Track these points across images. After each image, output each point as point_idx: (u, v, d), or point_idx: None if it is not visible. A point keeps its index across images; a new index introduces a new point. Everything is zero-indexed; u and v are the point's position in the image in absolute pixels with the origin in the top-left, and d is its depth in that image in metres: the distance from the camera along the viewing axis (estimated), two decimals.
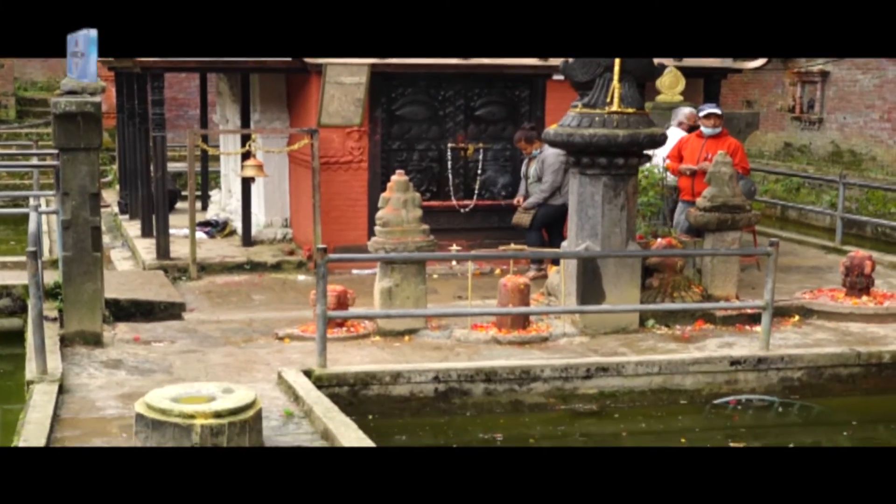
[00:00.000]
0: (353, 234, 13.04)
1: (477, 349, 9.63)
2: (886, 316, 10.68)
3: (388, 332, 9.97)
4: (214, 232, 15.13)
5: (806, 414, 9.23)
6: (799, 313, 10.82)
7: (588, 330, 10.12)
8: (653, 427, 8.93)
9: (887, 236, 16.89)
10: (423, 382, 8.82)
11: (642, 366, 9.21)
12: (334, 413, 7.56)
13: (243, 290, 12.37)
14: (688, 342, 9.95)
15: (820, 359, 9.53)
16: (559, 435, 8.73)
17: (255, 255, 13.65)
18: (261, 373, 8.81)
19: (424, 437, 8.57)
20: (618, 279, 10.19)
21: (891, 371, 9.62)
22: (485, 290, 11.37)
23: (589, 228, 10.19)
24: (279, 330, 10.10)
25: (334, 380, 8.64)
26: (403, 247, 9.98)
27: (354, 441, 6.99)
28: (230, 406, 6.91)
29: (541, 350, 9.65)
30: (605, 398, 9.11)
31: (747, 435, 8.90)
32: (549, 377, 9.03)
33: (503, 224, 13.16)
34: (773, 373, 9.42)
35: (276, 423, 7.60)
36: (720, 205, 10.85)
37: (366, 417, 8.40)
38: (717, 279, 10.91)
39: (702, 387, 9.31)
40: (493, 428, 8.67)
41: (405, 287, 10.01)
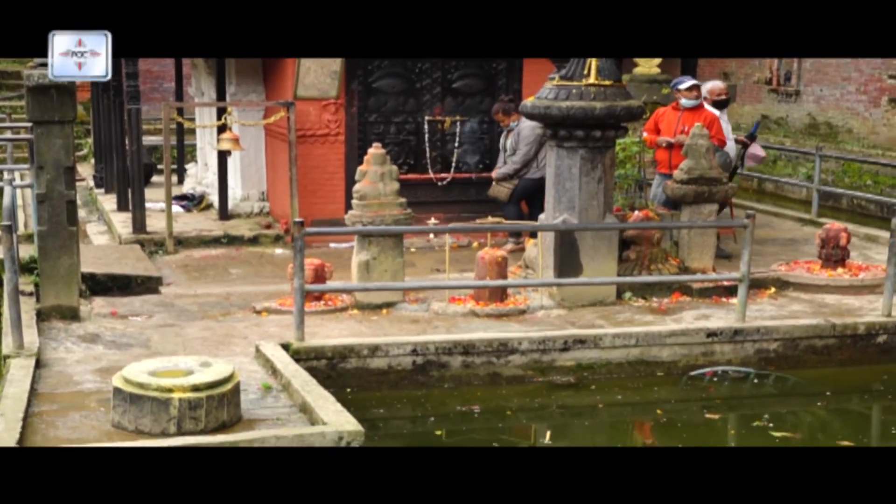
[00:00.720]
0: (330, 208, 13.01)
1: (455, 322, 9.64)
2: (861, 287, 10.75)
3: (366, 305, 9.97)
4: (191, 206, 15.08)
5: (781, 385, 9.29)
6: (775, 285, 10.87)
7: (565, 302, 10.15)
8: (629, 398, 8.97)
9: (863, 208, 16.99)
10: (401, 355, 8.83)
11: (619, 338, 9.24)
12: (312, 386, 7.57)
13: (220, 264, 12.33)
14: (664, 314, 9.99)
15: (795, 330, 9.58)
16: (536, 407, 8.77)
17: (231, 229, 13.61)
18: (238, 346, 8.80)
19: (402, 409, 8.60)
20: (595, 252, 10.21)
21: (865, 342, 9.68)
22: (462, 263, 11.38)
23: (566, 201, 10.20)
24: (257, 304, 10.08)
25: (312, 353, 8.64)
26: (381, 220, 9.97)
27: (332, 414, 7.00)
28: (208, 380, 6.92)
29: (518, 323, 9.67)
30: (583, 370, 9.14)
31: (723, 406, 8.96)
32: (526, 350, 9.05)
33: (480, 197, 13.15)
34: (749, 344, 9.47)
35: (255, 396, 7.60)
36: (697, 177, 10.87)
37: (344, 390, 8.40)
38: (694, 251, 10.94)
39: (678, 359, 9.35)
40: (470, 400, 8.69)
41: (383, 260, 10.00)
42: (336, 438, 6.74)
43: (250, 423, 7.08)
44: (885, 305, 9.81)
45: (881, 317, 9.78)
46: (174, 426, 6.73)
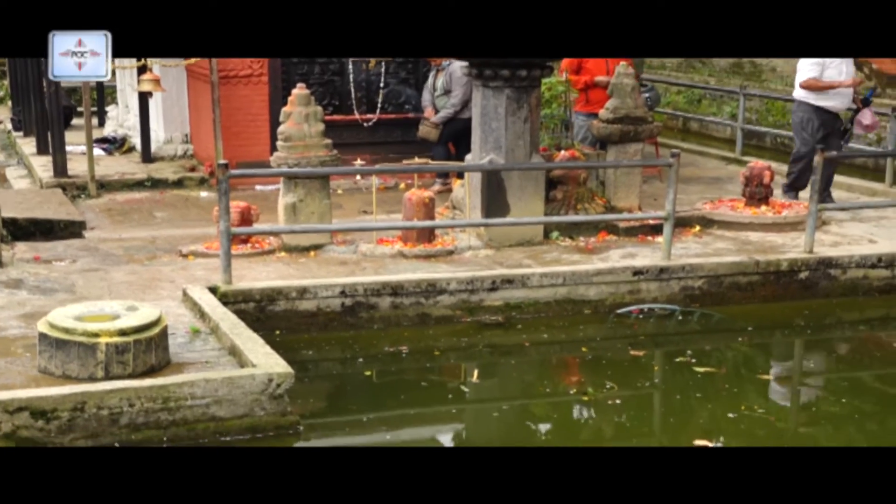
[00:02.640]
0: (255, 150, 12.89)
1: (383, 263, 9.63)
2: (784, 225, 10.90)
3: (294, 247, 9.92)
4: (113, 149, 14.86)
5: (706, 321, 9.41)
6: (700, 223, 10.99)
7: (493, 243, 10.18)
8: (556, 337, 9.04)
9: (786, 147, 17.13)
10: (330, 297, 8.81)
11: (547, 277, 9.29)
12: (241, 329, 7.54)
13: (145, 208, 12.19)
14: (591, 253, 10.06)
15: (720, 268, 9.70)
16: (464, 346, 8.80)
17: (155, 172, 13.45)
18: (165, 290, 8.73)
19: (331, 351, 8.59)
20: (522, 192, 10.24)
21: (788, 279, 9.84)
22: (390, 204, 11.37)
23: (493, 141, 10.20)
24: (183, 247, 9.99)
25: (240, 296, 8.60)
26: (306, 162, 9.90)
27: (262, 356, 6.98)
28: (135, 324, 6.86)
29: (447, 263, 9.68)
30: (511, 310, 9.19)
31: (648, 343, 9.06)
32: (455, 290, 9.08)
33: (407, 138, 13.11)
34: (675, 282, 9.58)
35: (183, 339, 7.55)
36: (622, 116, 10.91)
37: (273, 333, 8.38)
38: (620, 190, 11.02)
39: (605, 297, 9.44)
40: (399, 341, 8.71)
41: (309, 202, 9.95)
42: (265, 380, 6.73)
43: (179, 367, 7.04)
44: (807, 242, 9.96)
45: (803, 253, 9.94)
46: (102, 371, 6.67)
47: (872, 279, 10.06)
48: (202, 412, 6.61)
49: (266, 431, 6.76)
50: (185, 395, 6.56)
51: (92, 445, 6.39)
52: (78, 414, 6.38)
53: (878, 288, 10.08)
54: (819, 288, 9.92)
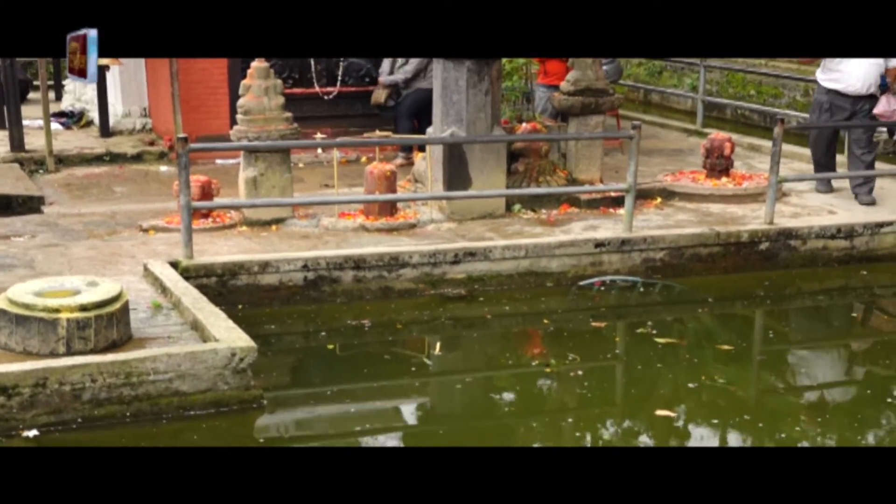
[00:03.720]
0: (214, 124, 12.79)
1: (345, 237, 9.61)
2: (745, 196, 10.96)
3: (255, 221, 9.88)
4: (70, 123, 14.71)
5: (667, 293, 9.46)
6: (661, 195, 11.04)
7: (455, 216, 10.18)
8: (519, 309, 9.07)
9: (746, 118, 17.27)
10: (292, 271, 8.78)
11: (509, 250, 9.31)
12: (203, 303, 7.51)
13: (104, 183, 12.09)
14: (553, 226, 10.08)
15: (681, 239, 9.75)
16: (427, 319, 8.81)
17: (114, 147, 13.33)
18: (126, 265, 8.67)
19: (294, 325, 8.57)
20: (484, 164, 10.23)
21: (748, 250, 9.90)
22: (351, 177, 11.33)
23: (454, 114, 10.18)
24: (143, 222, 9.92)
25: (202, 270, 8.56)
26: (267, 135, 9.84)
27: (224, 331, 6.96)
28: (96, 299, 6.82)
29: (409, 237, 9.68)
30: (474, 282, 9.20)
31: (610, 315, 9.11)
32: (417, 263, 9.08)
33: (367, 111, 13.06)
34: (637, 254, 9.62)
35: (145, 315, 7.51)
36: (584, 89, 10.91)
37: (235, 307, 8.34)
38: (582, 163, 11.03)
39: (567, 269, 9.47)
40: (362, 314, 8.71)
41: (270, 176, 9.90)
42: (228, 355, 6.71)
43: (141, 342, 7.01)
44: (767, 213, 10.03)
45: (764, 224, 10.01)
46: (63, 346, 6.63)
47: (832, 250, 10.15)
48: (165, 387, 6.58)
49: (229, 405, 6.74)
50: (148, 370, 6.53)
51: (55, 421, 6.36)
52: (40, 390, 6.34)
53: (837, 258, 10.17)
54: (779, 259, 10.00)
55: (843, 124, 10.72)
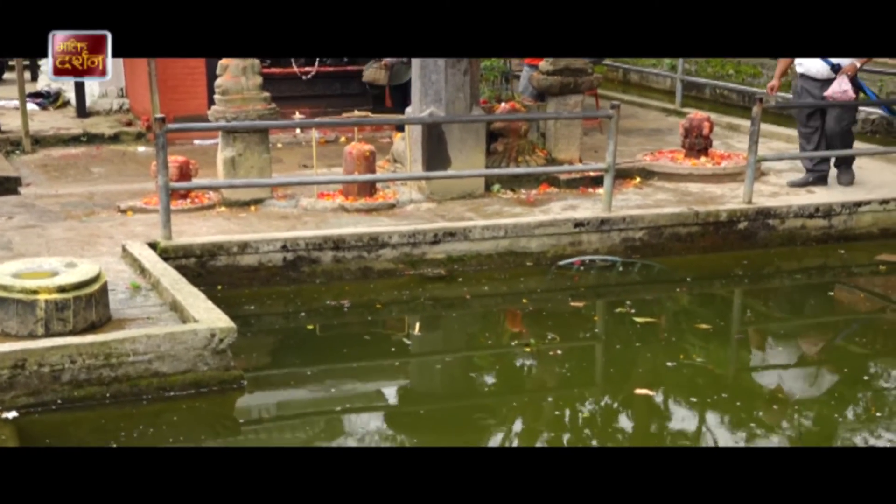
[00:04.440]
0: (192, 104, 12.74)
1: (324, 217, 9.60)
2: (723, 176, 10.98)
3: (234, 202, 9.85)
4: (47, 103, 14.62)
5: (646, 272, 9.49)
6: (640, 175, 11.05)
7: (435, 196, 10.17)
8: (497, 289, 9.07)
9: (725, 98, 17.28)
10: (272, 252, 8.77)
11: (489, 230, 9.31)
12: (182, 284, 7.48)
13: (81, 163, 12.03)
14: (533, 205, 10.09)
15: (660, 219, 9.77)
16: (406, 299, 8.81)
17: (91, 127, 13.26)
18: (105, 246, 8.64)
19: (274, 305, 8.56)
20: (463, 144, 10.22)
21: (727, 229, 9.93)
22: (330, 158, 11.31)
23: (433, 94, 10.16)
24: (121, 203, 9.88)
25: (181, 251, 8.53)
26: (245, 115, 9.79)
27: (203, 312, 6.94)
28: (74, 280, 6.79)
29: (388, 217, 9.66)
30: (453, 262, 9.20)
31: (589, 294, 9.12)
32: (397, 243, 9.07)
33: (347, 91, 13.03)
34: (616, 233, 9.63)
35: (123, 296, 7.48)
36: (562, 68, 10.90)
37: (214, 288, 8.33)
38: (561, 143, 11.04)
39: (547, 249, 9.47)
40: (341, 295, 8.70)
41: (248, 156, 9.86)
42: (208, 336, 6.69)
43: (120, 323, 6.98)
44: (745, 193, 10.06)
45: (742, 204, 10.04)
46: (42, 328, 6.60)
47: (810, 229, 10.19)
48: (145, 368, 6.56)
49: (210, 386, 6.73)
50: (127, 351, 6.51)
51: (34, 403, 6.34)
52: (19, 371, 6.31)
53: (815, 237, 10.21)
54: (758, 238, 10.03)
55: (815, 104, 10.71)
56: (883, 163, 12.04)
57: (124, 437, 6.21)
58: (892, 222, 10.42)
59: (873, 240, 10.33)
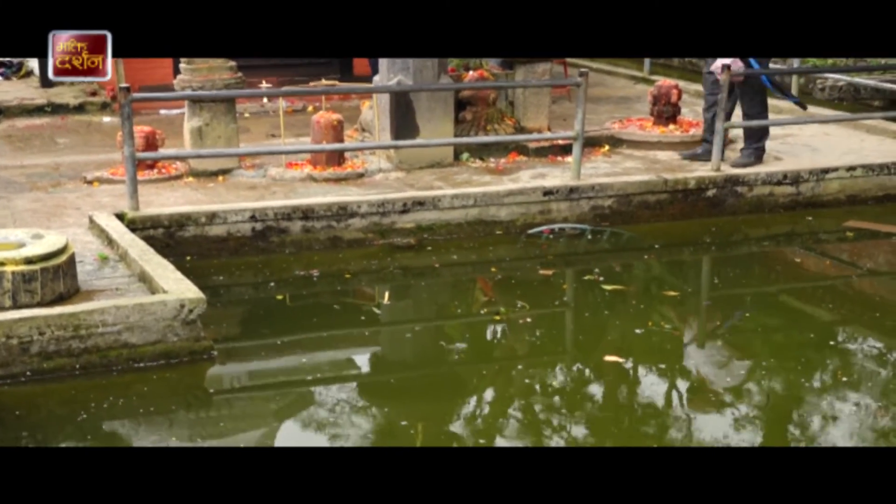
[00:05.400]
0: (157, 73, 12.63)
1: (293, 187, 9.56)
2: (692, 143, 10.99)
3: (201, 172, 9.80)
4: (9, 73, 14.47)
5: (615, 240, 9.51)
6: (609, 143, 11.07)
7: (403, 165, 10.15)
8: (467, 258, 9.07)
9: (693, 65, 17.24)
10: (240, 222, 8.73)
11: (458, 199, 9.30)
12: (150, 255, 7.45)
13: (46, 134, 11.92)
14: (502, 174, 10.09)
15: (629, 187, 9.78)
16: (375, 269, 8.80)
17: (55, 97, 13.13)
18: (71, 217, 8.58)
19: (243, 276, 8.53)
20: (431, 113, 10.20)
21: (695, 197, 9.96)
22: (298, 127, 11.26)
23: (400, 62, 10.12)
24: (87, 174, 9.81)
25: (148, 222, 8.48)
26: (211, 85, 9.73)
27: (172, 282, 6.91)
28: (41, 252, 6.75)
29: (357, 186, 9.64)
30: (423, 231, 9.20)
31: (558, 262, 9.14)
32: (366, 213, 9.05)
33: (313, 60, 12.93)
34: (585, 201, 9.65)
35: (91, 267, 7.44)
36: None
37: (183, 259, 8.29)
38: (530, 111, 11.03)
39: (516, 217, 9.48)
40: (310, 264, 8.68)
41: (215, 126, 9.81)
42: (177, 306, 6.66)
43: (89, 295, 6.95)
44: (714, 160, 10.08)
45: (710, 171, 10.07)
46: (9, 300, 6.56)
47: (778, 196, 10.24)
48: (114, 339, 6.54)
49: (180, 357, 6.71)
50: (96, 322, 6.48)
51: (3, 375, 6.31)
52: None
53: (783, 204, 10.26)
54: (726, 205, 10.07)
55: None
56: (850, 129, 12.11)
57: (94, 409, 6.19)
58: (858, 189, 10.49)
59: (840, 206, 10.39)
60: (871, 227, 9.96)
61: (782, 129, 11.68)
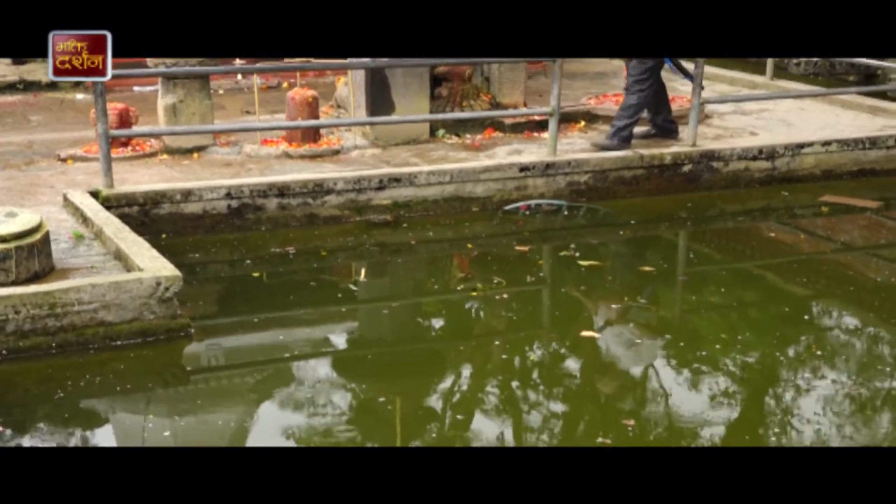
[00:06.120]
0: None
1: (268, 164, 9.53)
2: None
3: (176, 149, 9.75)
4: None
5: (592, 216, 9.52)
6: (585, 119, 11.07)
7: (379, 141, 10.13)
8: (443, 234, 9.07)
9: None
10: (216, 199, 8.70)
11: (434, 175, 9.29)
12: (126, 233, 7.41)
13: (18, 111, 11.84)
14: (478, 150, 10.08)
15: (605, 162, 9.79)
16: (352, 246, 8.79)
17: (27, 74, 13.03)
18: (45, 196, 8.53)
19: (219, 253, 8.50)
20: (406, 89, 10.17)
21: (671, 172, 9.98)
22: (273, 104, 11.22)
23: None
24: (61, 151, 9.75)
25: (123, 200, 8.44)
26: (185, 61, 9.66)
27: (148, 260, 6.88)
28: (15, 230, 6.71)
29: (333, 163, 9.62)
30: (399, 208, 9.18)
31: (534, 238, 9.14)
32: (342, 190, 9.03)
33: None
34: (561, 177, 9.65)
35: (66, 245, 7.40)
36: None
37: (158, 237, 8.26)
38: (505, 87, 11.01)
39: (492, 194, 9.48)
40: (287, 242, 8.66)
41: (190, 103, 9.76)
42: (153, 284, 6.64)
43: (64, 273, 6.91)
44: (690, 136, 10.10)
45: (687, 147, 10.09)
46: None
47: (753, 171, 10.26)
48: (90, 317, 6.50)
49: (157, 335, 6.69)
50: (72, 300, 6.45)
51: None
52: None
53: (758, 179, 10.29)
54: (702, 180, 10.09)
55: None
56: (825, 104, 12.14)
57: (71, 387, 6.17)
58: (834, 163, 10.52)
59: (816, 181, 10.43)
60: (847, 201, 10.01)
61: (757, 105, 11.71)
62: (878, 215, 9.86)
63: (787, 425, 5.98)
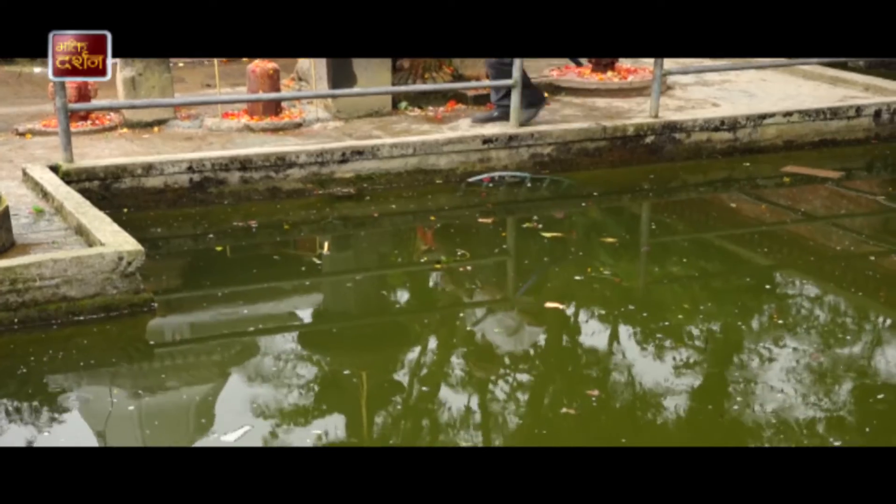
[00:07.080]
0: None
1: (230, 138, 9.48)
2: (630, 90, 11.05)
3: (136, 123, 9.68)
4: None
5: (555, 188, 9.54)
6: (547, 90, 11.05)
7: (341, 114, 10.09)
8: (407, 207, 9.06)
9: None
10: (177, 173, 8.64)
11: (397, 148, 9.27)
12: (87, 208, 7.36)
13: None
14: (441, 123, 10.06)
15: (568, 134, 9.80)
16: (315, 219, 8.76)
17: None
18: (4, 170, 8.46)
19: (181, 227, 8.46)
20: (368, 62, 10.13)
21: (634, 143, 10.01)
22: (234, 77, 11.15)
23: None
24: (19, 125, 9.66)
25: (83, 174, 8.37)
26: None
27: (110, 235, 6.83)
28: None
29: (295, 136, 9.58)
30: (362, 181, 9.16)
31: (498, 210, 9.15)
32: (304, 163, 8.99)
33: None
34: (524, 149, 9.66)
35: (27, 220, 7.35)
36: None
37: (120, 211, 8.21)
38: (468, 59, 10.98)
39: (456, 166, 9.47)
40: (249, 215, 8.63)
41: (149, 76, 9.68)
42: (116, 259, 6.59)
43: (25, 248, 6.86)
44: (652, 107, 10.12)
45: (649, 118, 10.11)
46: None
47: (715, 142, 10.31)
48: (52, 293, 6.46)
49: (120, 309, 6.65)
50: (34, 276, 6.40)
51: None
52: None
53: (720, 150, 10.34)
54: (664, 152, 10.13)
55: None
56: (787, 75, 12.21)
57: (34, 363, 6.13)
58: (795, 134, 10.59)
59: (777, 152, 10.49)
60: (808, 172, 10.07)
61: (719, 76, 11.75)
62: (839, 186, 9.94)
63: (751, 393, 6.02)
